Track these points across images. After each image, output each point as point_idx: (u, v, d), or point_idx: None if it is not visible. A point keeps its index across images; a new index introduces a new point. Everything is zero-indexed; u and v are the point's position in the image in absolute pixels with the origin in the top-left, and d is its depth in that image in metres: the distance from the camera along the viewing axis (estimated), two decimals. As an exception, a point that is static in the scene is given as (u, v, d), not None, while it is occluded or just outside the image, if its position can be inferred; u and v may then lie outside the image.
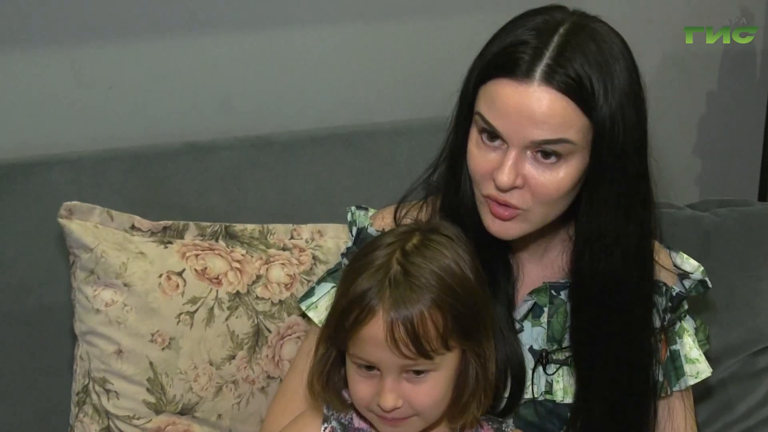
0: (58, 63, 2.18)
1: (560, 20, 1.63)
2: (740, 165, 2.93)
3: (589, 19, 1.66)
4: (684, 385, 1.87)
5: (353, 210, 1.88)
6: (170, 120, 2.28)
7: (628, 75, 1.63)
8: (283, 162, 2.21)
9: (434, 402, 1.60)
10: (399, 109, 2.45)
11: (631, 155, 1.65)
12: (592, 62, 1.59)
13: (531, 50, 1.59)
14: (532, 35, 1.60)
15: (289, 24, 2.34)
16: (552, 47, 1.59)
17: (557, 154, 1.61)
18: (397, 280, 1.55)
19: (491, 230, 1.70)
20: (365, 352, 1.56)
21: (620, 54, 1.63)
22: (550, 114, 1.58)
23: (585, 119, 1.60)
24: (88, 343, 1.93)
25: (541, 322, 1.80)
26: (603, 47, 1.61)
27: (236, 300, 1.96)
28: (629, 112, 1.63)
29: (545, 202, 1.66)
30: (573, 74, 1.58)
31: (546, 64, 1.58)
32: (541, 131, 1.59)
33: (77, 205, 1.93)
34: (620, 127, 1.61)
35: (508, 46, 1.61)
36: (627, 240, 1.71)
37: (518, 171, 1.62)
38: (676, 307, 1.86)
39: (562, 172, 1.63)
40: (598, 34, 1.63)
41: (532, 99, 1.58)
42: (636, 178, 1.68)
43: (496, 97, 1.60)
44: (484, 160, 1.65)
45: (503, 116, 1.60)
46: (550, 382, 1.80)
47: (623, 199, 1.68)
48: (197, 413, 1.94)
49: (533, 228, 1.71)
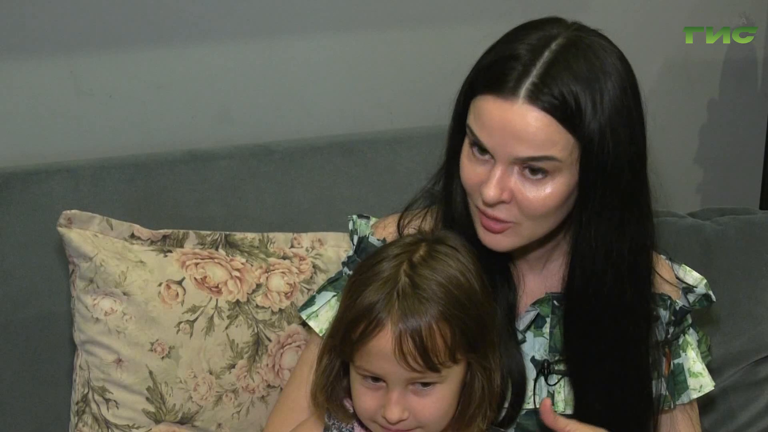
0: (58, 72, 2.19)
1: (554, 35, 1.62)
2: (742, 173, 2.93)
3: (584, 33, 1.65)
4: (687, 399, 1.86)
5: (354, 218, 1.87)
6: (170, 129, 2.29)
7: (620, 91, 1.62)
8: (283, 171, 2.20)
9: (440, 414, 1.59)
10: (399, 117, 2.45)
11: (622, 172, 1.64)
12: (579, 79, 1.58)
13: (520, 66, 1.58)
14: (524, 51, 1.60)
15: (290, 33, 2.34)
16: (539, 65, 1.58)
17: (543, 170, 1.61)
18: (405, 293, 1.54)
19: (483, 242, 1.69)
20: (372, 365, 1.55)
21: (613, 69, 1.62)
22: (534, 132, 1.58)
23: (570, 137, 1.59)
24: (87, 352, 1.92)
25: (543, 332, 1.80)
26: (594, 63, 1.60)
27: (236, 309, 1.96)
28: (619, 129, 1.61)
29: (534, 217, 1.66)
30: (557, 93, 1.57)
31: (531, 83, 1.57)
32: (525, 148, 1.58)
33: (77, 214, 1.92)
34: (609, 144, 1.60)
35: (499, 61, 1.61)
36: (620, 257, 1.70)
37: (504, 186, 1.62)
38: (680, 320, 1.85)
39: (549, 188, 1.62)
40: (591, 49, 1.62)
41: (515, 116, 1.57)
42: (629, 195, 1.67)
43: (483, 113, 1.61)
44: (474, 172, 1.65)
45: (489, 132, 1.60)
46: (552, 392, 1.79)
47: (615, 216, 1.67)
48: (197, 422, 1.94)
49: (526, 241, 1.70)
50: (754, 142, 2.90)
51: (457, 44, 2.46)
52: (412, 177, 1.86)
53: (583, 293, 1.72)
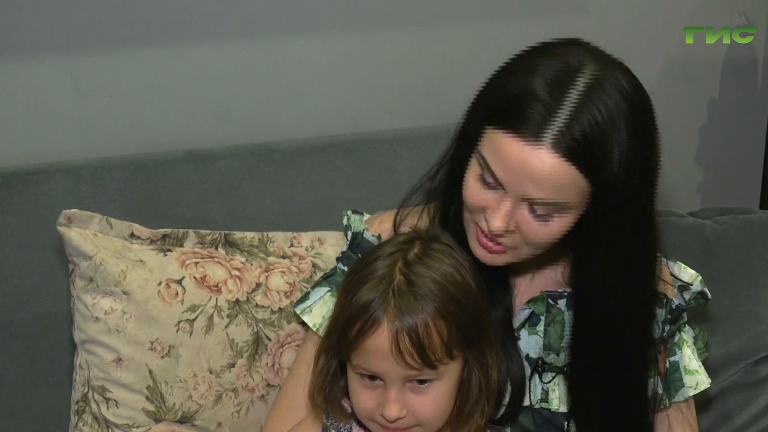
0: (58, 72, 2.19)
1: (576, 69, 1.58)
2: (742, 173, 2.93)
3: (606, 66, 1.60)
4: (683, 396, 1.86)
5: (349, 214, 1.87)
6: (170, 129, 2.29)
7: (641, 132, 1.60)
8: (283, 171, 2.20)
9: (438, 412, 1.60)
10: (399, 117, 2.45)
11: (632, 212, 1.64)
12: (604, 126, 1.55)
13: (542, 108, 1.54)
14: (546, 90, 1.56)
15: (290, 33, 2.34)
16: (565, 109, 1.54)
17: (553, 209, 1.61)
18: (400, 290, 1.55)
19: (476, 255, 1.69)
20: (369, 363, 1.55)
21: (635, 111, 1.59)
22: (553, 178, 1.56)
23: (587, 182, 1.58)
24: (87, 351, 1.92)
25: (537, 330, 1.80)
26: (619, 107, 1.57)
27: (236, 308, 1.96)
28: (635, 173, 1.60)
29: (536, 245, 1.66)
30: (581, 140, 1.54)
31: (557, 129, 1.54)
32: (540, 191, 1.57)
33: (76, 213, 1.92)
34: (624, 187, 1.59)
35: (520, 96, 1.57)
36: (626, 291, 1.71)
37: (511, 218, 1.62)
38: (676, 318, 1.85)
39: (555, 223, 1.62)
40: (615, 88, 1.58)
41: (536, 161, 1.55)
42: (637, 233, 1.67)
43: (501, 150, 1.58)
44: (480, 196, 1.64)
45: (507, 171, 1.58)
46: (546, 390, 1.79)
47: (622, 252, 1.67)
48: (197, 421, 1.94)
49: (520, 260, 1.71)
50: (754, 142, 2.90)
51: (457, 44, 2.47)
52: (412, 177, 1.85)
53: (590, 320, 1.74)
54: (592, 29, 2.57)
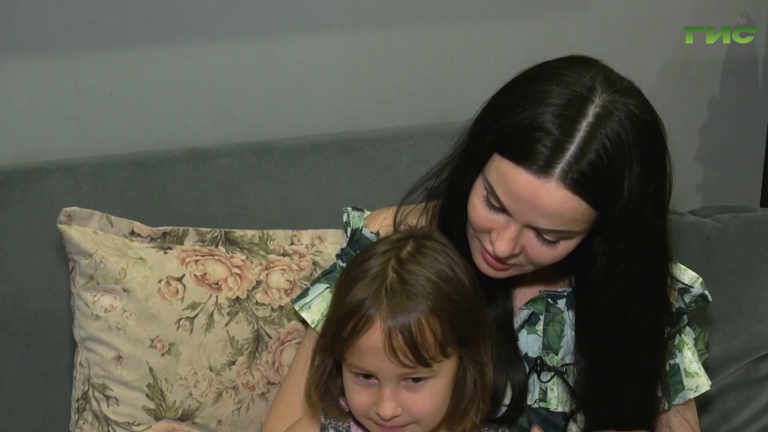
0: (58, 70, 2.19)
1: (587, 98, 1.55)
2: (742, 171, 2.93)
3: (619, 93, 1.58)
4: (683, 399, 1.86)
5: (349, 211, 1.87)
6: (170, 127, 2.29)
7: (651, 159, 1.59)
8: (283, 169, 2.20)
9: (433, 409, 1.59)
10: (399, 116, 2.45)
11: (644, 234, 1.64)
12: (613, 156, 1.54)
13: (552, 143, 1.53)
14: (556, 124, 1.54)
15: (290, 32, 2.34)
16: (575, 143, 1.53)
17: (559, 237, 1.61)
18: (393, 289, 1.54)
19: (480, 268, 1.69)
20: (363, 362, 1.55)
21: (647, 137, 1.58)
22: (561, 211, 1.56)
23: (594, 212, 1.58)
24: (87, 349, 1.92)
25: (536, 330, 1.80)
26: (629, 135, 1.55)
27: (236, 305, 1.96)
28: (647, 199, 1.59)
29: (540, 265, 1.67)
30: (589, 173, 1.53)
31: (566, 162, 1.53)
32: (547, 222, 1.58)
33: (77, 211, 1.92)
34: (636, 214, 1.59)
35: (530, 129, 1.55)
36: (636, 321, 1.71)
37: (517, 242, 1.62)
38: (676, 321, 1.85)
39: (561, 247, 1.63)
40: (626, 118, 1.55)
41: (545, 195, 1.55)
42: (648, 250, 1.67)
43: (510, 181, 1.57)
44: (485, 218, 1.64)
45: (513, 199, 1.58)
46: (545, 389, 1.79)
47: (638, 287, 1.68)
48: (197, 419, 1.94)
49: (523, 273, 1.71)
50: (754, 140, 2.90)
51: (457, 43, 2.47)
52: (413, 175, 1.85)
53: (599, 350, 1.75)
54: (593, 29, 2.59)
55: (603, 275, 1.67)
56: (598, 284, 1.69)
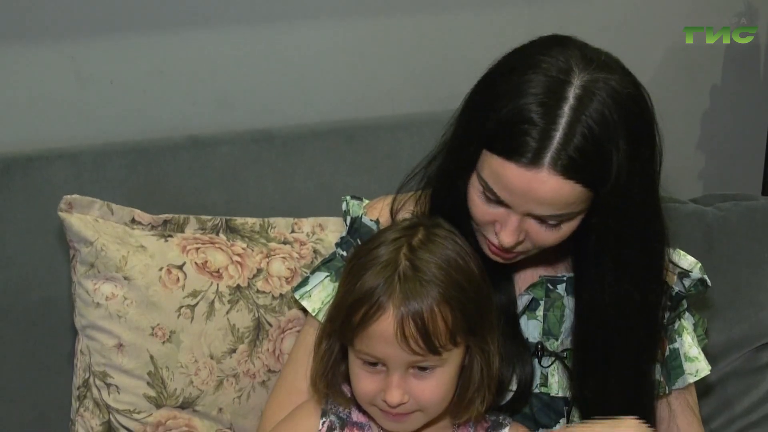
0: (59, 58, 2.18)
1: (565, 81, 1.55)
2: (744, 159, 2.93)
3: (597, 69, 1.57)
4: (683, 383, 1.86)
5: (348, 199, 1.87)
6: (171, 115, 2.28)
7: (638, 133, 1.58)
8: (284, 157, 2.20)
9: (440, 398, 1.60)
10: (400, 103, 2.45)
11: (637, 210, 1.64)
12: (599, 135, 1.54)
13: (537, 133, 1.53)
14: (539, 113, 1.54)
15: (291, 19, 2.34)
16: (559, 129, 1.53)
17: (560, 219, 1.62)
18: (406, 276, 1.54)
19: (489, 256, 1.70)
20: (373, 349, 1.55)
21: (631, 111, 1.57)
22: (557, 197, 1.56)
23: (589, 192, 1.58)
24: (88, 337, 1.92)
25: (536, 315, 1.80)
26: (612, 112, 1.55)
27: (237, 294, 1.96)
28: (636, 173, 1.59)
29: (545, 247, 1.68)
30: (577, 156, 1.53)
31: (554, 149, 1.53)
32: (546, 209, 1.58)
33: (77, 199, 1.92)
34: (627, 190, 1.59)
35: (514, 123, 1.55)
36: (638, 299, 1.71)
37: (520, 231, 1.63)
38: (676, 305, 1.85)
39: (564, 228, 1.64)
40: (608, 95, 1.55)
41: (539, 185, 1.55)
42: (643, 228, 1.68)
43: (502, 176, 1.57)
44: (487, 212, 1.65)
45: (509, 193, 1.58)
46: (546, 375, 1.79)
47: (632, 263, 1.68)
48: (198, 407, 1.94)
49: (530, 255, 1.72)
50: (756, 129, 2.90)
51: (458, 31, 2.47)
52: (414, 163, 1.85)
53: (596, 338, 1.75)
54: (594, 16, 2.58)
55: (594, 252, 1.68)
56: (591, 261, 1.69)
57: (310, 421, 1.69)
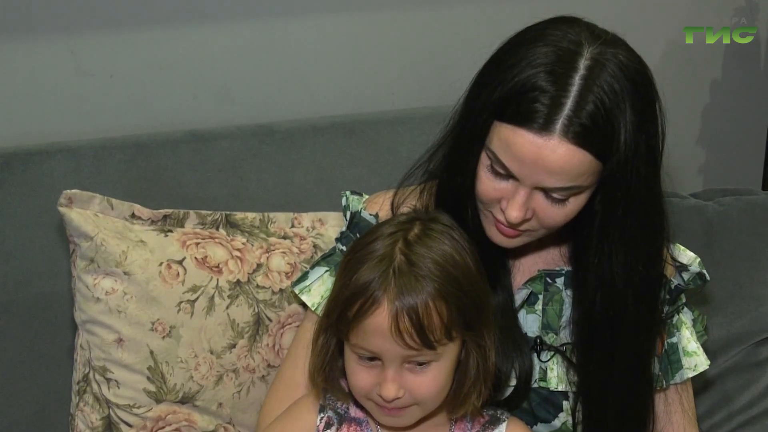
0: (58, 51, 2.18)
1: (575, 52, 1.58)
2: (744, 154, 2.93)
3: (605, 44, 1.60)
4: (681, 378, 1.86)
5: (348, 194, 1.88)
6: (171, 109, 2.28)
7: (644, 106, 1.60)
8: (285, 151, 2.20)
9: (435, 392, 1.60)
10: (401, 98, 2.44)
11: (641, 189, 1.64)
12: (609, 105, 1.56)
13: (548, 100, 1.55)
14: (550, 80, 1.56)
15: (292, 13, 2.33)
16: (570, 97, 1.55)
17: (568, 194, 1.62)
18: (401, 270, 1.54)
19: (494, 240, 1.71)
20: (368, 343, 1.55)
21: (638, 84, 1.60)
22: (567, 166, 1.57)
23: (599, 164, 1.59)
24: (88, 332, 1.92)
25: (535, 309, 1.80)
26: (621, 84, 1.57)
27: (237, 289, 1.96)
28: (641, 148, 1.60)
29: (552, 227, 1.68)
30: (589, 124, 1.55)
31: (565, 116, 1.55)
32: (555, 180, 1.59)
33: (77, 194, 1.92)
34: (632, 164, 1.60)
35: (525, 91, 1.57)
36: (639, 281, 1.72)
37: (528, 207, 1.63)
38: (674, 299, 1.85)
39: (570, 205, 1.64)
40: (616, 67, 1.58)
41: (549, 153, 1.56)
42: (646, 212, 1.68)
43: (512, 144, 1.58)
44: (494, 188, 1.65)
45: (519, 162, 1.59)
46: (544, 369, 1.80)
47: (635, 238, 1.68)
48: (198, 402, 1.94)
49: (536, 239, 1.73)
50: (756, 123, 2.90)
51: (459, 25, 2.46)
52: (414, 157, 1.85)
53: (602, 319, 1.75)
54: (594, 8, 2.56)
55: (600, 229, 1.68)
56: (595, 242, 1.69)
57: (308, 417, 1.70)
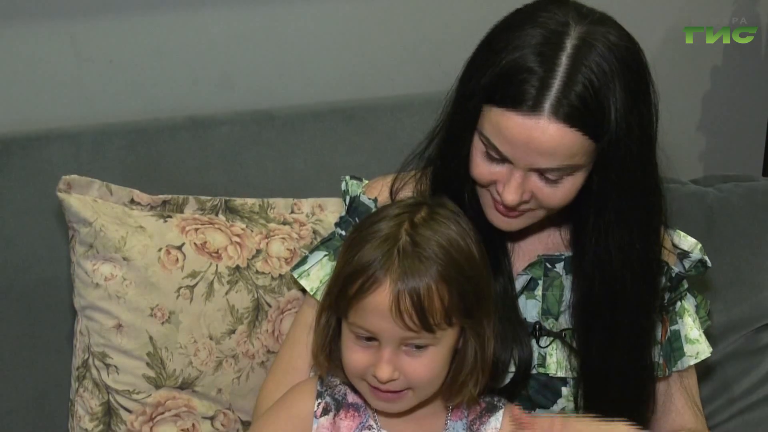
0: (58, 37, 2.18)
1: (563, 32, 1.59)
2: (744, 140, 2.92)
3: (594, 23, 1.61)
4: (683, 365, 1.86)
5: (347, 179, 1.88)
6: (171, 95, 2.28)
7: (635, 85, 1.60)
8: (284, 137, 2.20)
9: (430, 377, 1.59)
10: (400, 84, 2.44)
11: (635, 169, 1.64)
12: (598, 84, 1.56)
13: (537, 81, 1.56)
14: (537, 61, 1.56)
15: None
16: (558, 77, 1.55)
17: (563, 174, 1.62)
18: (405, 251, 1.54)
19: (494, 223, 1.71)
20: (367, 322, 1.55)
21: (628, 62, 1.60)
22: (558, 146, 1.57)
23: (591, 142, 1.59)
24: (87, 317, 1.92)
25: (535, 295, 1.80)
26: (610, 63, 1.57)
27: (236, 274, 1.96)
28: (633, 126, 1.60)
29: (551, 208, 1.68)
30: (578, 103, 1.55)
31: (554, 96, 1.55)
32: (548, 161, 1.59)
33: (76, 179, 1.92)
34: (625, 143, 1.60)
35: (513, 72, 1.57)
36: (636, 261, 1.72)
37: (524, 189, 1.63)
38: (676, 286, 1.85)
39: (567, 184, 1.64)
40: (605, 46, 1.58)
41: (540, 133, 1.56)
42: (641, 193, 1.68)
43: (503, 128, 1.59)
44: (489, 171, 1.65)
45: (512, 146, 1.59)
46: (544, 355, 1.79)
47: (631, 217, 1.68)
48: (197, 388, 1.94)
49: (537, 221, 1.72)
50: (757, 109, 2.89)
51: (458, 10, 2.46)
52: (414, 143, 1.85)
53: (600, 298, 1.74)
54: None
55: (596, 208, 1.68)
56: (593, 222, 1.69)
57: (306, 403, 1.69)
